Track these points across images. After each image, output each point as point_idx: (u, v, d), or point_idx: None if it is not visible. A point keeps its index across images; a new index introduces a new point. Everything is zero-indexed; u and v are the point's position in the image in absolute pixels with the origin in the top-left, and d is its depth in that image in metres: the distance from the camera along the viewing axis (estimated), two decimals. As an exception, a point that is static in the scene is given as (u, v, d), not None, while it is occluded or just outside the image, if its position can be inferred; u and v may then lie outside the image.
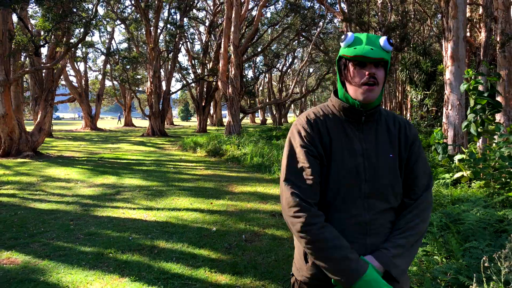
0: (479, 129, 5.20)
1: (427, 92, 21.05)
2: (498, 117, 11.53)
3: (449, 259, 2.79)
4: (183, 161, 12.47)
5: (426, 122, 20.26)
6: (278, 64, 41.82)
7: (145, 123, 46.05)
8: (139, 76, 38.02)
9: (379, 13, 26.26)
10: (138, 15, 26.66)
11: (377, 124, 1.48)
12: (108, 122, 58.07)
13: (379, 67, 1.40)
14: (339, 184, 1.40)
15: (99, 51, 35.52)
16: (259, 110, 51.40)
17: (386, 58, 1.38)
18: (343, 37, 1.42)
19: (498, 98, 11.91)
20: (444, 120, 9.49)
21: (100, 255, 4.10)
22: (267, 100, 45.10)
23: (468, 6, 21.73)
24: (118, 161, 12.33)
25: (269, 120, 55.23)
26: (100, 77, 36.02)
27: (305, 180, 1.38)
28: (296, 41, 36.27)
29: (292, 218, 1.36)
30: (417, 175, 1.47)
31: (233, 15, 17.72)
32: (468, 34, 22.24)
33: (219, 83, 19.13)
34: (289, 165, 1.42)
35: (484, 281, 1.96)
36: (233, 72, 18.15)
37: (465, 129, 5.29)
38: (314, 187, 1.38)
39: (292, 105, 52.53)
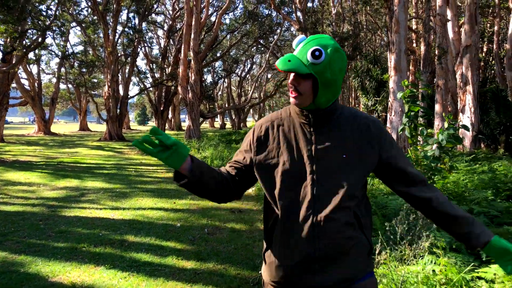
0: (413, 132, 5.99)
1: (377, 99, 22.26)
2: (437, 121, 12.67)
3: (374, 236, 3.45)
4: (144, 164, 12.73)
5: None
6: (237, 70, 42.54)
7: (101, 128, 45.22)
8: (95, 80, 37.45)
9: (333, 23, 27.48)
10: (95, 17, 26.40)
11: (333, 125, 1.44)
12: (62, 126, 56.35)
13: (305, 78, 1.36)
14: (287, 185, 1.41)
15: (53, 53, 34.67)
16: (218, 115, 51.79)
17: (302, 71, 1.33)
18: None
19: (437, 105, 13.07)
20: (388, 125, 10.40)
21: (74, 249, 4.45)
22: (226, 105, 45.66)
23: (414, 19, 23.36)
24: (78, 165, 12.39)
25: (228, 125, 55.74)
26: (54, 80, 35.08)
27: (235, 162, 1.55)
28: (254, 48, 37.08)
29: None
30: (400, 167, 1.46)
31: (193, 22, 18.14)
32: (414, 45, 23.86)
33: (179, 88, 19.44)
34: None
35: (388, 245, 2.58)
36: (193, 78, 18.54)
37: (401, 132, 6.07)
38: (235, 168, 1.54)
39: (251, 110, 53.37)
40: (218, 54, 34.31)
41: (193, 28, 18.22)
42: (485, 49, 25.94)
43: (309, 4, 27.43)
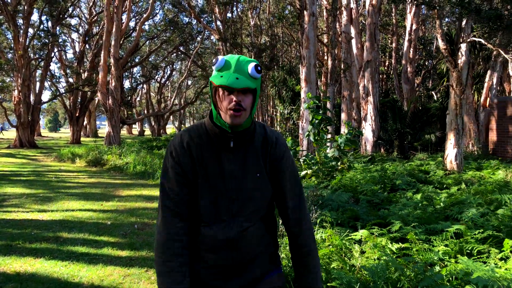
0: (317, 137, 7.03)
1: (293, 107, 23.79)
2: (343, 128, 14.19)
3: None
4: (63, 171, 12.57)
5: (294, 133, 22.85)
6: (157, 76, 42.22)
7: (7, 134, 42.03)
8: (0, 84, 34.85)
9: (252, 34, 28.75)
10: (1, 17, 24.80)
11: (248, 145, 1.50)
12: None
13: (246, 94, 1.40)
14: (208, 204, 1.47)
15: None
16: (137, 121, 50.76)
17: (253, 86, 1.38)
18: (214, 60, 1.40)
19: (343, 114, 14.62)
20: (300, 131, 11.54)
21: (9, 246, 4.71)
22: (145, 111, 45.06)
23: (325, 34, 25.35)
24: (-10, 173, 11.89)
25: (147, 131, 54.81)
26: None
27: (175, 196, 1.47)
28: (174, 54, 37.18)
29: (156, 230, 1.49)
30: (285, 195, 1.56)
31: (114, 29, 18.10)
32: (325, 57, 25.81)
33: (99, 94, 19.20)
34: (163, 183, 1.51)
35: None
36: (113, 84, 18.45)
37: (307, 137, 7.06)
38: (182, 203, 1.47)
39: (171, 116, 53.09)
40: (137, 60, 33.94)
41: (113, 35, 18.17)
42: (387, 63, 28.96)
43: (229, 15, 28.43)
